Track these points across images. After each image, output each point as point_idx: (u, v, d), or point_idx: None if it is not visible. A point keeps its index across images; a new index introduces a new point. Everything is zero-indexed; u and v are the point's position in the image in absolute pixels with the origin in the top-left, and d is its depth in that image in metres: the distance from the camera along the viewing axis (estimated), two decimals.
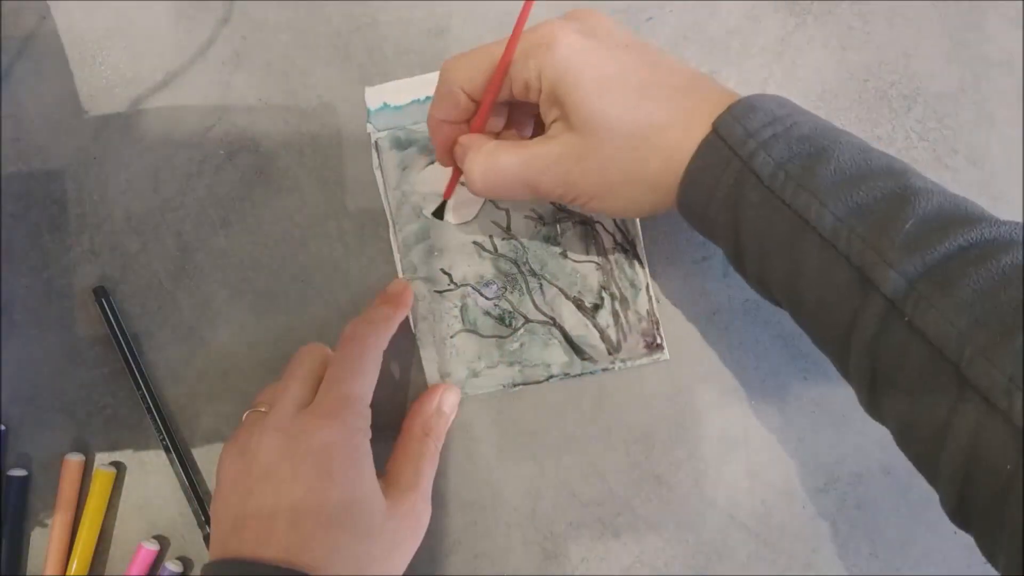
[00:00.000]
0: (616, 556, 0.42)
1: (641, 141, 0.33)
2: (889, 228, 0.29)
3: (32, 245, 0.43)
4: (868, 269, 0.29)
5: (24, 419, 0.42)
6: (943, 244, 0.28)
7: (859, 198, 0.29)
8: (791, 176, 0.30)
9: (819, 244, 0.30)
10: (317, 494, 0.33)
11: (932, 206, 0.29)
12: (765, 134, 0.31)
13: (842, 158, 0.30)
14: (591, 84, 0.33)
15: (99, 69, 0.44)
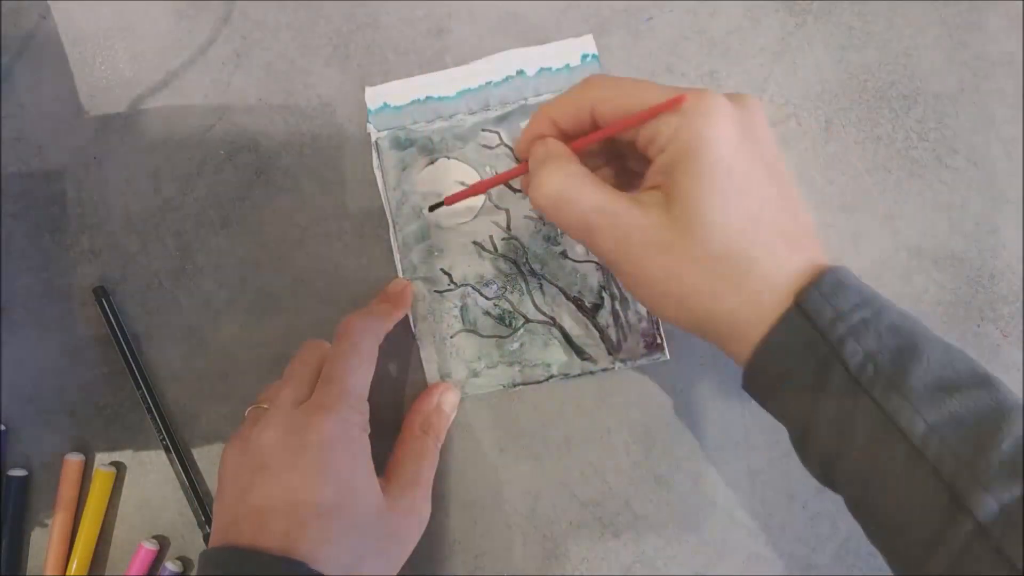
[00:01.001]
0: (616, 556, 0.42)
1: (726, 278, 0.31)
2: (986, 447, 0.28)
3: (32, 245, 0.43)
4: (962, 489, 0.27)
5: (24, 419, 0.42)
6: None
7: (952, 407, 0.28)
8: (881, 372, 0.29)
9: (907, 451, 0.28)
10: (314, 486, 0.33)
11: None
12: (854, 318, 0.30)
13: (932, 359, 0.29)
14: (720, 192, 0.31)
15: (99, 69, 0.44)
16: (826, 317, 0.30)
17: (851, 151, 0.43)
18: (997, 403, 0.29)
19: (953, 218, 0.43)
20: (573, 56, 0.43)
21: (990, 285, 0.43)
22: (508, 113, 0.43)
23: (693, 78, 0.43)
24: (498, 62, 0.43)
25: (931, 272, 0.43)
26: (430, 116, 0.43)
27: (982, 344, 0.43)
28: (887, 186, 0.43)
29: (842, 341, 0.30)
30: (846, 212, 0.43)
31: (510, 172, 0.38)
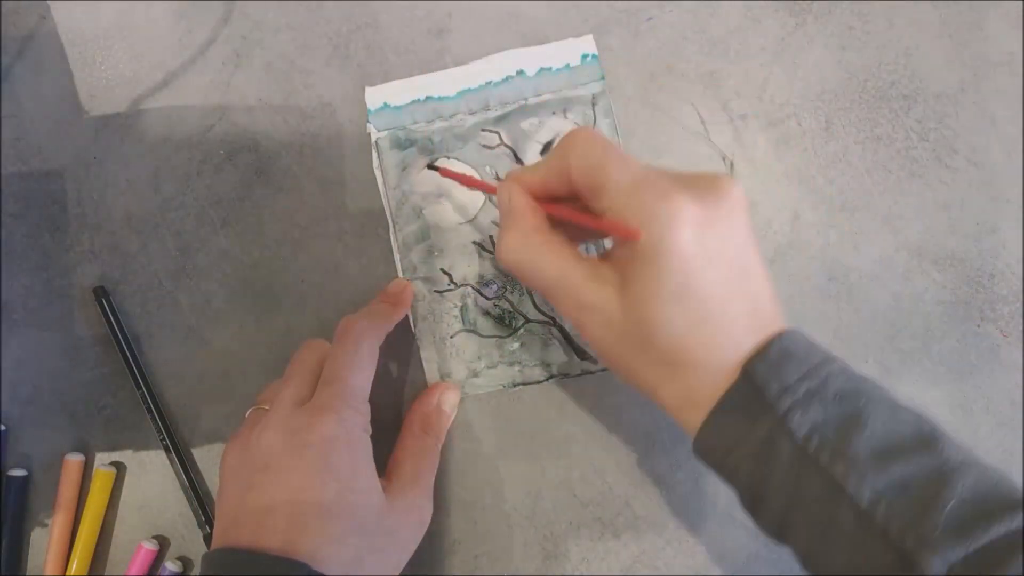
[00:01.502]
0: (616, 556, 0.42)
1: (673, 371, 0.32)
2: (930, 509, 0.29)
3: (32, 245, 0.43)
4: (910, 551, 0.28)
5: (24, 419, 0.42)
6: (984, 533, 0.28)
7: (897, 472, 0.29)
8: (826, 441, 0.30)
9: (856, 515, 0.29)
10: (315, 487, 0.33)
11: (968, 485, 0.29)
12: (800, 389, 0.31)
13: (875, 424, 0.30)
14: (669, 299, 0.31)
15: (99, 69, 0.44)
16: (773, 390, 0.31)
17: (851, 151, 0.43)
18: (940, 464, 0.30)
19: (953, 218, 0.43)
20: (573, 56, 0.43)
21: (990, 285, 0.43)
22: (508, 113, 0.43)
23: (693, 78, 0.43)
24: (498, 62, 0.43)
25: (931, 272, 0.43)
26: (430, 116, 0.43)
27: (982, 344, 0.43)
28: (887, 186, 0.43)
29: (788, 413, 0.31)
30: (846, 212, 0.43)
31: (479, 183, 0.40)
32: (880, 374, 0.43)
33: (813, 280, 0.43)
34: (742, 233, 0.32)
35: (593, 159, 0.33)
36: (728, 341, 0.32)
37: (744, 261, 0.32)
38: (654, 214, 0.31)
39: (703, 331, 0.32)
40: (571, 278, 0.33)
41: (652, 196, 0.31)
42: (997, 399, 0.42)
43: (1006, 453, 0.42)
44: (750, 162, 0.43)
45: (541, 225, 0.35)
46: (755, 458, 0.31)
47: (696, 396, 0.33)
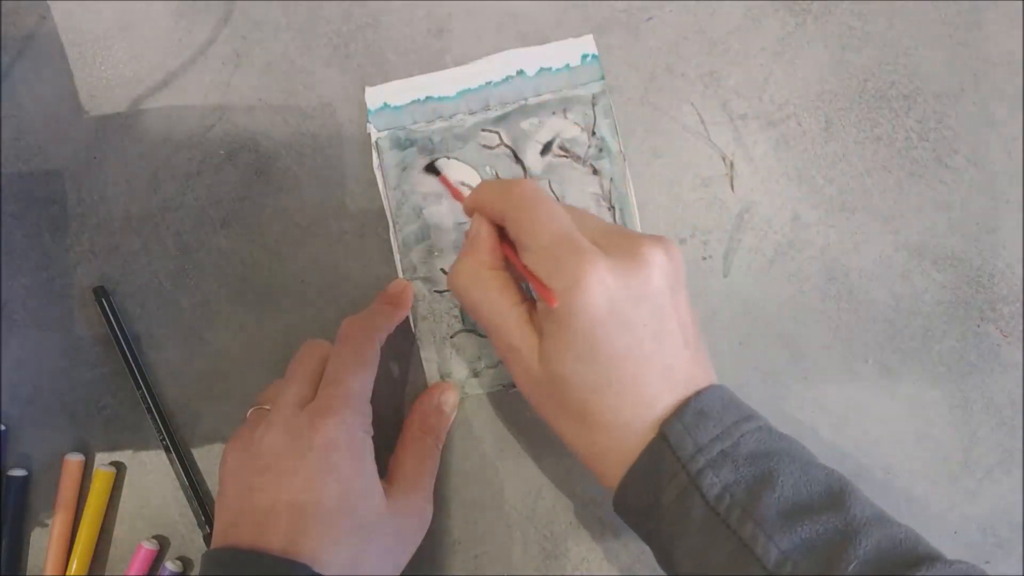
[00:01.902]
0: (616, 556, 0.42)
1: (586, 427, 0.33)
2: (834, 569, 0.29)
3: (32, 245, 0.43)
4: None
5: (24, 419, 0.42)
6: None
7: (804, 532, 0.30)
8: (736, 502, 0.31)
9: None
10: (317, 488, 0.33)
11: (872, 544, 0.30)
12: (714, 450, 0.32)
13: (786, 484, 0.31)
14: (578, 359, 0.32)
15: (99, 69, 0.44)
16: (687, 450, 0.32)
17: (851, 151, 0.43)
18: (846, 524, 0.30)
19: (953, 218, 0.43)
20: (573, 56, 0.43)
21: (990, 285, 0.43)
22: (508, 113, 0.43)
23: (693, 78, 0.43)
24: (498, 62, 0.43)
25: (931, 272, 0.43)
26: (430, 116, 0.43)
27: (982, 344, 0.43)
28: (887, 186, 0.43)
29: (701, 473, 0.31)
30: (846, 212, 0.43)
31: (461, 198, 0.40)
32: (880, 374, 0.43)
33: (813, 280, 0.43)
34: (660, 297, 0.33)
35: (522, 213, 0.34)
36: (639, 402, 0.33)
37: (660, 325, 0.33)
38: (566, 275, 0.32)
39: (611, 392, 0.32)
40: (505, 319, 0.35)
41: (566, 257, 0.32)
42: (997, 399, 0.42)
43: (1006, 453, 0.42)
44: (750, 162, 0.43)
45: (494, 263, 0.36)
46: (668, 519, 0.32)
47: (608, 454, 0.33)
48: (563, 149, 0.43)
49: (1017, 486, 0.42)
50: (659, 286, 0.33)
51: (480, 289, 0.35)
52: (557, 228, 0.33)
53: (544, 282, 0.32)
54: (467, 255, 0.36)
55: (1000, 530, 0.42)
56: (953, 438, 0.42)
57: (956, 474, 0.42)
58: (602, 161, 0.43)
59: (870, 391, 0.43)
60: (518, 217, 0.34)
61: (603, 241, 0.33)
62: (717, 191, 0.43)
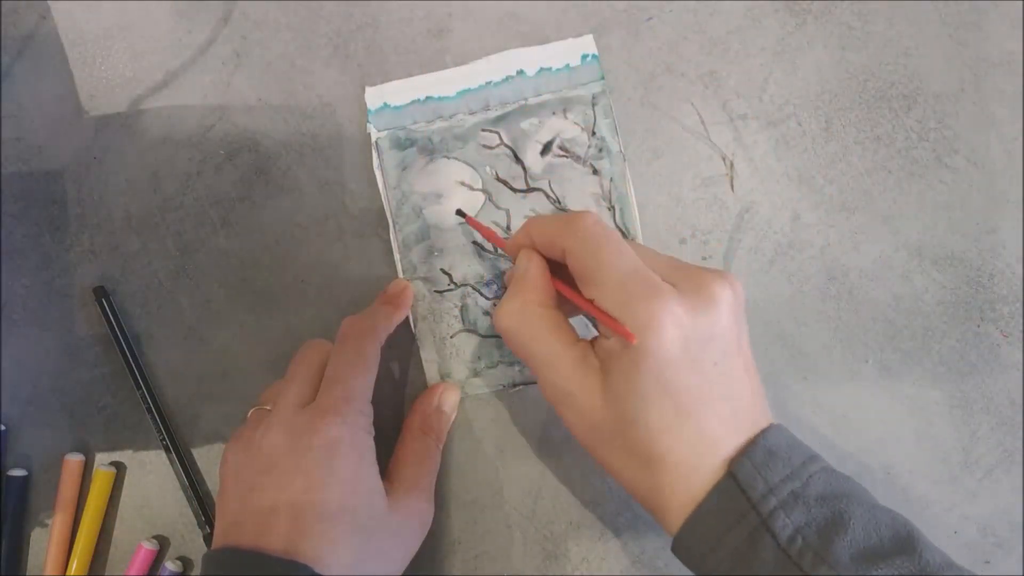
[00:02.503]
0: (616, 556, 0.42)
1: (649, 470, 0.32)
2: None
3: (32, 245, 0.43)
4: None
5: (24, 419, 0.42)
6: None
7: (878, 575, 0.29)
8: (809, 544, 0.30)
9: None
10: (319, 489, 0.33)
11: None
12: (784, 491, 0.31)
13: (856, 527, 0.31)
14: (647, 399, 0.31)
15: (99, 69, 0.44)
16: (758, 490, 0.31)
17: (851, 151, 0.43)
18: (920, 569, 0.30)
19: (953, 218, 0.43)
20: (573, 56, 0.43)
21: (990, 285, 0.43)
22: (508, 113, 0.43)
23: (693, 78, 0.43)
24: (498, 62, 0.43)
25: (931, 272, 0.43)
26: (430, 116, 0.43)
27: (982, 344, 0.43)
28: (887, 186, 0.43)
29: (772, 514, 0.31)
30: (846, 212, 0.43)
31: (498, 240, 0.39)
32: (880, 374, 0.43)
33: (813, 280, 0.43)
34: (728, 336, 0.33)
35: (590, 247, 0.33)
36: (706, 443, 0.32)
37: (728, 364, 0.33)
38: (640, 314, 0.31)
39: (679, 432, 0.32)
40: (560, 360, 0.34)
41: (639, 295, 0.31)
42: (997, 399, 0.43)
43: (1006, 453, 0.42)
44: (750, 162, 0.43)
45: (546, 300, 0.35)
46: (736, 559, 0.31)
47: (670, 494, 0.32)
48: (563, 149, 0.43)
49: (1017, 486, 0.42)
50: (728, 325, 0.32)
51: (532, 329, 0.34)
52: (627, 264, 0.32)
53: (617, 319, 0.32)
54: (516, 294, 0.35)
55: (1000, 530, 0.42)
56: (953, 438, 0.42)
57: (956, 474, 0.42)
58: (602, 161, 0.43)
59: (870, 391, 0.43)
60: (585, 251, 0.33)
61: (671, 276, 0.33)
62: (717, 191, 0.43)
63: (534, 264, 0.35)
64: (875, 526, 0.31)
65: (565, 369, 0.33)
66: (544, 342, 0.34)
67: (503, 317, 0.35)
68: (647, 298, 0.31)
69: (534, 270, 0.35)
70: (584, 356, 0.34)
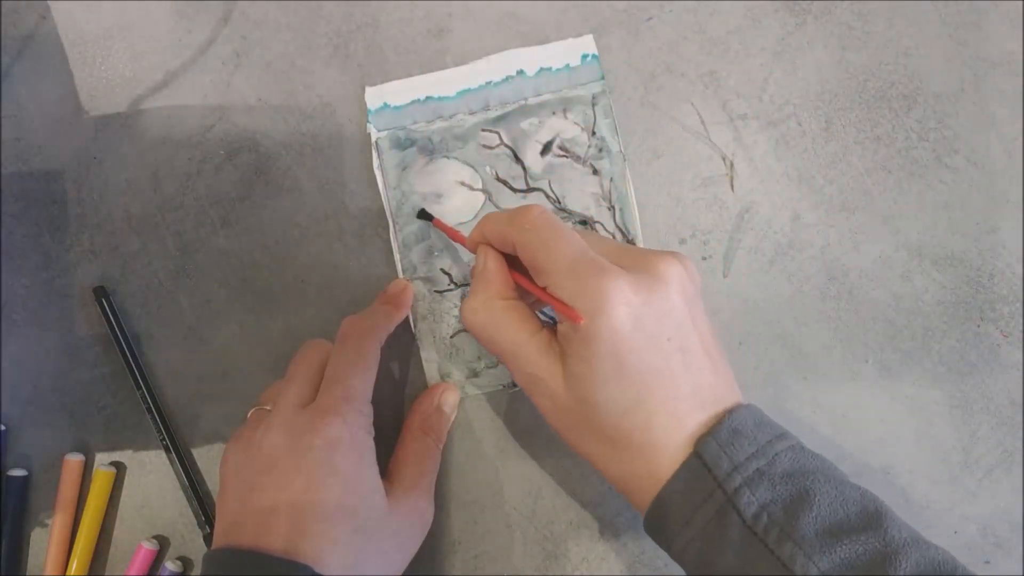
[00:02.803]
0: (616, 556, 0.42)
1: (617, 450, 0.33)
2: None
3: (32, 245, 0.43)
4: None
5: (24, 419, 0.42)
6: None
7: (843, 552, 0.30)
8: (774, 521, 0.31)
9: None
10: (319, 489, 0.33)
11: (910, 566, 0.30)
12: (750, 468, 0.32)
13: (822, 503, 0.31)
14: (605, 380, 0.32)
15: (99, 69, 0.44)
16: (723, 468, 0.32)
17: (851, 151, 0.43)
18: (885, 544, 0.30)
19: (953, 218, 0.43)
20: (573, 56, 0.43)
21: (990, 285, 0.43)
22: (508, 113, 0.43)
23: (693, 78, 0.43)
24: (498, 62, 0.43)
25: (931, 272, 0.43)
26: (430, 116, 0.43)
27: (982, 344, 0.43)
28: (887, 186, 0.43)
29: (738, 492, 0.31)
30: (846, 212, 0.43)
31: (461, 239, 0.40)
32: (880, 374, 0.43)
33: (813, 280, 0.43)
34: (680, 313, 0.33)
35: (536, 238, 0.34)
36: (670, 421, 0.32)
37: (683, 341, 0.33)
38: (589, 295, 0.32)
39: (643, 412, 0.32)
40: (524, 349, 0.34)
41: (587, 277, 0.32)
42: (997, 399, 0.43)
43: (1006, 453, 0.42)
44: (750, 162, 0.43)
45: (507, 293, 0.36)
46: (704, 537, 0.32)
47: (640, 476, 0.33)
48: (563, 149, 0.43)
49: (1017, 486, 0.42)
50: (678, 301, 0.33)
51: (495, 322, 0.35)
52: (574, 250, 0.33)
53: (568, 305, 0.32)
54: (478, 290, 0.36)
55: (1000, 530, 0.42)
56: (953, 438, 0.42)
57: (956, 474, 0.42)
58: (602, 161, 0.43)
59: (870, 391, 0.43)
60: (532, 242, 0.34)
61: (619, 260, 0.33)
62: (717, 191, 0.43)
63: (491, 259, 0.36)
64: (841, 502, 0.31)
65: (530, 355, 0.34)
66: (508, 332, 0.35)
67: (467, 313, 0.36)
68: (594, 280, 0.32)
69: (491, 264, 0.36)
70: (548, 342, 0.34)
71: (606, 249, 0.34)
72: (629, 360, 0.32)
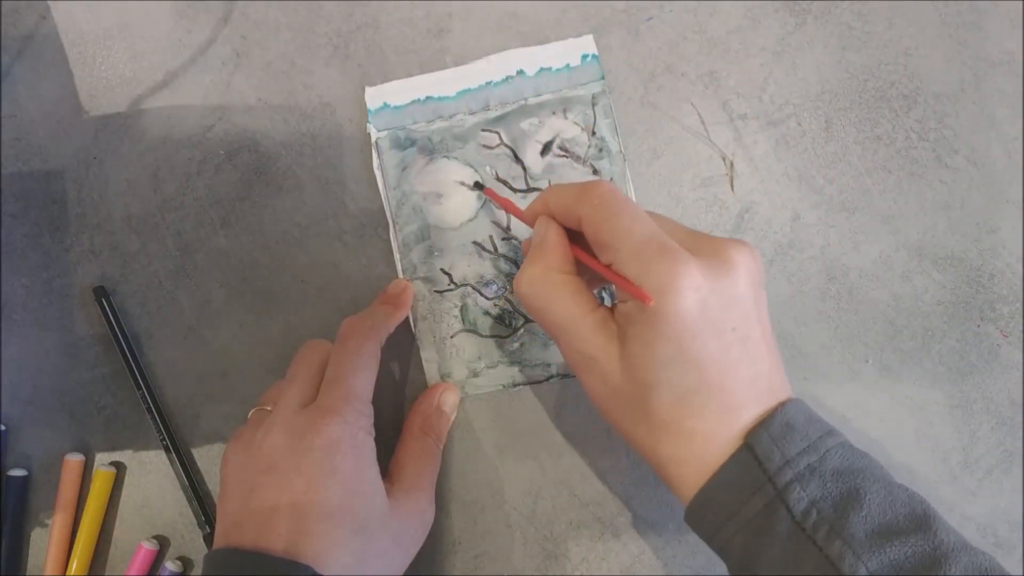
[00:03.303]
0: (616, 556, 0.42)
1: (668, 436, 0.32)
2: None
3: (32, 245, 0.43)
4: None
5: (24, 419, 0.42)
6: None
7: (892, 554, 0.29)
8: (824, 518, 0.30)
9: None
10: (320, 489, 0.33)
11: (959, 571, 0.29)
12: (801, 464, 0.31)
13: (872, 503, 0.30)
14: (665, 365, 0.31)
15: (99, 69, 0.44)
16: (774, 462, 0.31)
17: (851, 151, 0.43)
18: (934, 547, 0.30)
19: (953, 218, 0.43)
20: (573, 56, 0.43)
21: (990, 285, 0.43)
22: (508, 113, 0.43)
23: (693, 78, 0.43)
24: (498, 62, 0.43)
25: (931, 272, 0.43)
26: (430, 116, 0.43)
27: (982, 344, 0.43)
28: (887, 186, 0.43)
29: (788, 487, 0.31)
30: (846, 212, 0.43)
31: (516, 210, 0.39)
32: (880, 374, 0.43)
33: (813, 280, 0.43)
34: (746, 302, 0.32)
35: (604, 213, 0.33)
36: (725, 410, 0.32)
37: (746, 330, 0.32)
38: (657, 277, 0.31)
39: (698, 399, 0.32)
40: (580, 325, 0.33)
41: (657, 259, 0.31)
42: (997, 399, 0.43)
43: (1006, 453, 0.42)
44: (750, 162, 0.43)
45: (566, 266, 0.35)
46: (750, 531, 0.31)
47: (689, 463, 0.32)
48: (563, 149, 0.43)
49: (1017, 486, 0.42)
50: (745, 290, 0.32)
51: (551, 294, 0.34)
52: (643, 229, 0.32)
53: (637, 284, 0.31)
54: (536, 260, 0.35)
55: (1000, 530, 0.42)
56: (953, 438, 0.42)
57: (956, 474, 0.42)
58: (602, 161, 0.43)
59: (870, 391, 0.43)
60: (601, 218, 0.33)
61: (688, 244, 0.32)
62: (717, 191, 0.43)
63: (552, 231, 0.35)
64: (891, 503, 0.31)
65: (585, 333, 0.33)
66: (564, 306, 0.34)
67: (523, 283, 0.35)
68: (665, 262, 0.31)
69: (552, 236, 0.35)
70: (604, 321, 0.33)
71: (675, 232, 0.33)
72: (692, 346, 0.31)
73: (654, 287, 0.31)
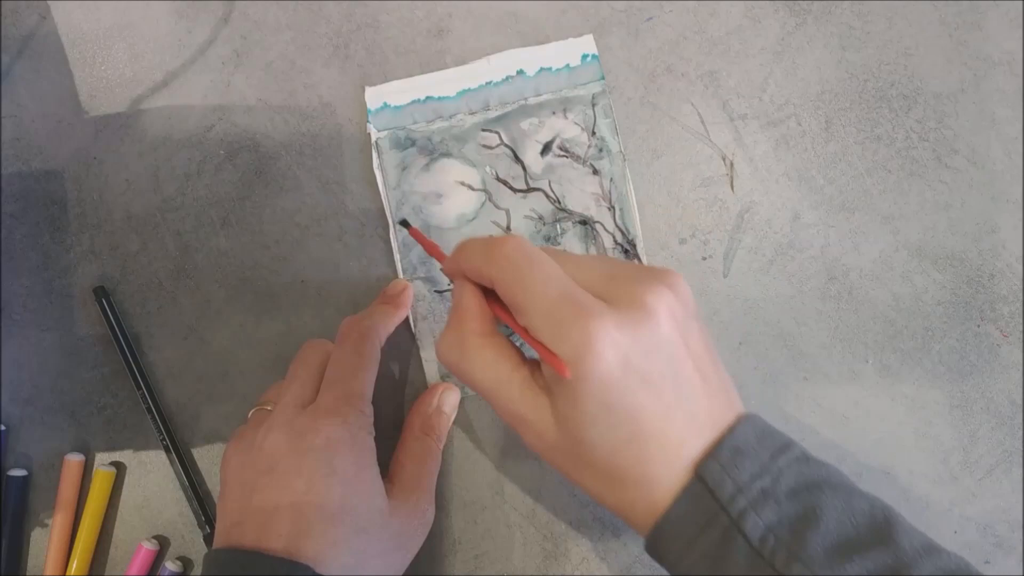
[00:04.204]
0: (616, 556, 0.42)
1: (613, 484, 0.32)
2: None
3: (32, 245, 0.43)
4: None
5: (24, 419, 0.42)
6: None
7: (853, 570, 0.29)
8: (781, 542, 0.30)
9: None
10: (320, 489, 0.33)
11: (926, 572, 0.29)
12: (754, 489, 0.30)
13: (830, 520, 0.30)
14: (595, 421, 0.30)
15: (99, 69, 0.44)
16: (727, 491, 0.30)
17: (851, 151, 0.43)
18: (896, 559, 0.29)
19: (953, 218, 0.43)
20: (573, 56, 0.43)
21: (990, 285, 0.43)
22: (508, 113, 0.43)
23: (693, 78, 0.43)
24: (498, 62, 0.43)
25: (931, 272, 0.43)
26: (430, 116, 0.43)
27: (982, 344, 0.43)
28: (887, 186, 0.43)
29: (742, 515, 0.30)
30: (846, 212, 0.43)
31: (440, 256, 0.37)
32: (880, 374, 0.43)
33: (813, 280, 0.43)
34: (671, 345, 0.31)
35: (513, 275, 0.32)
36: (664, 453, 0.31)
37: (675, 371, 0.31)
38: (571, 341, 0.30)
39: (636, 447, 0.31)
40: (505, 387, 0.33)
41: (569, 321, 0.30)
42: (997, 399, 0.43)
43: (1006, 453, 0.42)
44: (750, 162, 0.43)
45: (484, 329, 0.33)
46: (709, 561, 0.31)
47: (638, 505, 0.32)
48: (563, 149, 0.43)
49: (1017, 486, 0.42)
50: (669, 333, 0.31)
51: (472, 360, 0.33)
52: (554, 288, 0.31)
53: (550, 348, 0.30)
54: (453, 325, 0.34)
55: (1000, 530, 0.42)
56: (953, 438, 0.42)
57: (956, 474, 0.42)
58: (602, 161, 0.43)
59: (870, 391, 0.43)
60: (509, 280, 0.32)
61: (604, 291, 0.31)
62: (717, 191, 0.43)
63: (467, 293, 0.34)
64: (849, 515, 0.30)
65: (512, 394, 0.33)
66: (487, 370, 0.33)
67: (443, 351, 0.34)
68: (578, 322, 0.30)
69: (467, 300, 0.34)
70: (531, 378, 0.33)
71: (590, 277, 0.32)
72: (621, 401, 0.30)
73: (570, 353, 0.30)
